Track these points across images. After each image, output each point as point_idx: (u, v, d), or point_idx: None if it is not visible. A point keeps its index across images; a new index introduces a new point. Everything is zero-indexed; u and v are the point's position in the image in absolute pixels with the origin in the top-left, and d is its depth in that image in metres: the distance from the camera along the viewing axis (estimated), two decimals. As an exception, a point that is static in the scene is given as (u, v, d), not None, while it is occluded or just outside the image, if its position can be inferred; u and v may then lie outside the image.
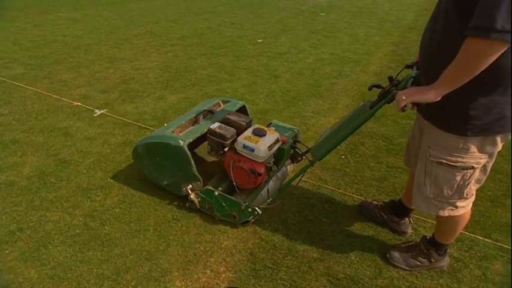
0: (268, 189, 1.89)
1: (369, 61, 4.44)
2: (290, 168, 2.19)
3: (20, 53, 4.46)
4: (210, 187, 1.87)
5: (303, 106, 3.27)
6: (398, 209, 1.81)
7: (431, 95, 1.13)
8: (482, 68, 1.01)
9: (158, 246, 1.78)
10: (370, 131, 2.86)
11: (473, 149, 1.23)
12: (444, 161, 1.28)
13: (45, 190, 2.12)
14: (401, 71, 1.50)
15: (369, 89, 1.46)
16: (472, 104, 1.15)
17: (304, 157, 1.91)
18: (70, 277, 1.61)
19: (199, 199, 1.92)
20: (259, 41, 5.25)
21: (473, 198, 1.39)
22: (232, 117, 1.93)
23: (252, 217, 1.81)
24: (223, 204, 1.85)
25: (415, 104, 1.23)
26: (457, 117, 1.20)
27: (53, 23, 6.03)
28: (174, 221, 1.93)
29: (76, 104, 3.18)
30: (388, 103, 1.38)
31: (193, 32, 5.63)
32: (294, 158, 2.04)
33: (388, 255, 1.67)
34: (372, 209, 1.92)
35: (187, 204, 1.97)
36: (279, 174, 2.03)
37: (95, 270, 1.64)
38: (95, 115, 3.02)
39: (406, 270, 1.63)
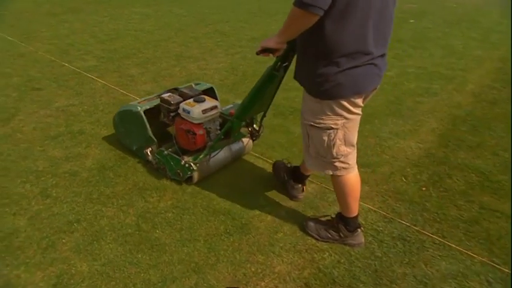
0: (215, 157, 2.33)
1: (466, 79, 4.12)
2: (250, 145, 2.59)
3: (95, 46, 5.01)
4: (162, 148, 2.33)
5: (379, 125, 3.15)
6: (297, 175, 2.19)
7: (272, 41, 1.60)
8: (298, 27, 1.45)
9: (207, 260, 1.83)
10: (461, 162, 2.63)
11: (328, 111, 1.59)
12: (313, 123, 1.65)
13: (104, 184, 2.33)
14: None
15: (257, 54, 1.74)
16: (316, 72, 1.53)
17: (260, 134, 2.47)
18: (118, 277, 1.73)
19: (156, 160, 2.37)
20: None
21: (351, 163, 1.74)
22: (184, 90, 2.40)
23: (190, 172, 2.23)
24: (172, 163, 2.29)
25: (270, 51, 1.64)
26: (311, 83, 1.58)
27: (127, 17, 6.67)
28: (226, 235, 1.98)
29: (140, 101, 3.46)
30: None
31: (264, 34, 5.78)
32: (252, 135, 2.50)
33: (304, 223, 2.01)
34: (280, 169, 2.30)
35: (147, 164, 2.44)
36: (232, 147, 2.47)
37: (142, 275, 1.75)
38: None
39: (318, 239, 1.96)
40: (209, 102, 2.28)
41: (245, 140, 2.56)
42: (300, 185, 2.22)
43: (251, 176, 2.46)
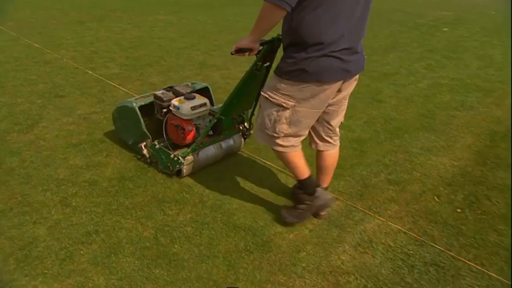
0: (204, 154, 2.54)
1: (506, 91, 3.97)
2: (241, 143, 2.77)
3: (118, 53, 5.16)
4: (155, 142, 2.53)
5: (409, 140, 3.07)
6: None
7: (245, 41, 1.78)
8: (268, 22, 1.61)
9: (226, 278, 1.81)
10: (501, 183, 2.52)
11: (284, 90, 1.77)
12: (267, 96, 1.83)
13: (123, 195, 2.36)
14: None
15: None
16: (288, 56, 1.73)
17: (251, 132, 2.72)
18: (134, 293, 1.73)
19: (149, 154, 2.58)
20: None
21: (290, 145, 1.91)
22: (177, 88, 2.58)
23: (178, 166, 2.41)
24: (162, 157, 2.49)
25: (244, 51, 1.82)
26: (282, 65, 1.76)
27: (151, 25, 6.87)
28: (247, 252, 1.95)
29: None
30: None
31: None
32: (244, 133, 2.74)
33: (281, 217, 2.13)
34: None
35: (142, 159, 2.65)
36: (223, 144, 2.63)
37: (159, 291, 1.74)
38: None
39: (296, 221, 2.10)
40: (199, 100, 2.47)
41: (236, 137, 2.72)
42: (317, 189, 2.12)
43: (273, 190, 2.44)
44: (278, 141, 1.91)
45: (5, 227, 2.05)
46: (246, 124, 2.70)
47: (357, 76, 1.87)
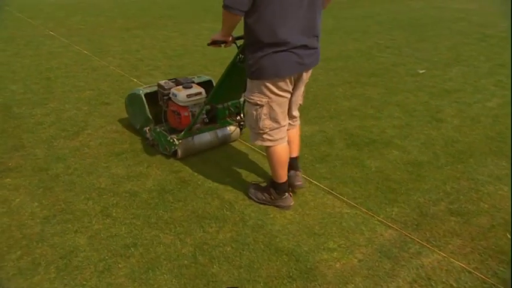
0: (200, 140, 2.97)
1: None
2: (237, 132, 3.14)
3: (163, 61, 5.39)
4: (156, 126, 2.97)
5: (475, 166, 2.90)
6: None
7: (218, 35, 2.14)
8: (228, 23, 2.01)
9: (266, 307, 1.78)
10: None
11: (255, 90, 2.10)
12: (247, 99, 2.18)
13: (163, 208, 2.42)
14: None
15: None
16: (249, 57, 2.04)
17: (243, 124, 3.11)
18: (171, 313, 1.75)
19: (152, 137, 3.02)
20: (420, 71, 5.00)
21: (277, 137, 2.22)
22: (179, 79, 2.97)
23: (174, 147, 2.83)
24: (162, 139, 2.92)
25: (219, 43, 2.19)
26: (247, 65, 2.08)
27: (196, 33, 7.12)
28: (289, 280, 1.92)
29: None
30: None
31: (338, 54, 5.77)
32: (239, 124, 3.10)
33: (247, 189, 2.54)
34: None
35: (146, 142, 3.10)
36: (219, 132, 3.04)
37: (195, 314, 1.75)
38: (220, 135, 3.34)
39: (256, 201, 2.47)
40: (195, 89, 2.86)
41: (232, 127, 3.11)
42: (292, 171, 2.51)
43: (319, 212, 2.39)
44: (266, 136, 2.24)
45: (48, 234, 2.17)
46: (242, 115, 3.00)
47: (311, 70, 2.23)
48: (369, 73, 4.94)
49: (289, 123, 2.36)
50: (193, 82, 2.95)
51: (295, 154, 2.54)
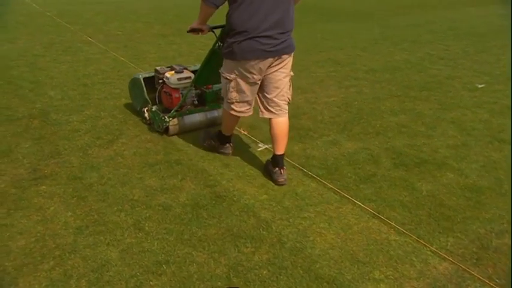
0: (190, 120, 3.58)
1: None
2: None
3: (199, 70, 5.50)
4: (152, 107, 3.54)
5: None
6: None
7: (195, 23, 2.75)
8: (204, 14, 2.65)
9: None
10: None
11: (227, 67, 2.71)
12: (221, 73, 2.78)
13: (196, 224, 2.44)
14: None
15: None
16: (226, 41, 2.64)
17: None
18: (203, 338, 1.75)
19: (149, 116, 3.61)
20: (479, 86, 4.83)
21: (239, 110, 2.83)
22: (175, 66, 3.55)
23: (165, 124, 3.41)
24: (156, 117, 3.50)
25: (197, 31, 2.80)
26: (222, 48, 2.71)
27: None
28: (329, 312, 1.86)
29: (243, 132, 3.63)
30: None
31: (385, 65, 5.68)
32: None
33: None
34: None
35: (143, 121, 3.74)
36: (208, 114, 3.62)
37: None
38: (258, 149, 3.35)
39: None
40: (186, 74, 3.43)
41: (220, 110, 3.53)
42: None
43: (364, 238, 2.33)
44: (232, 106, 2.83)
45: (80, 245, 2.24)
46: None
47: (286, 60, 2.72)
48: (420, 86, 4.82)
49: (271, 112, 2.83)
50: (185, 68, 3.53)
51: (280, 152, 2.89)
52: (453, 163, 3.12)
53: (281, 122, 2.83)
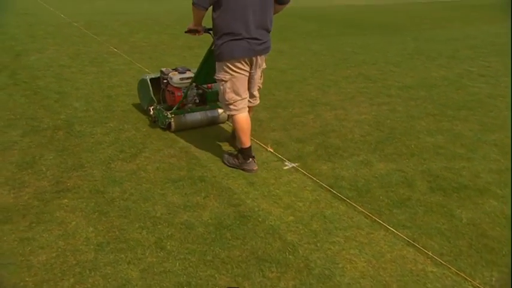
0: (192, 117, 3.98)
1: None
2: (224, 116, 4.02)
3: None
4: (157, 105, 3.99)
5: None
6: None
7: (191, 25, 3.13)
8: (196, 16, 3.02)
9: None
10: None
11: (220, 69, 3.07)
12: (216, 77, 3.14)
13: (219, 245, 2.44)
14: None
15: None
16: (215, 43, 3.03)
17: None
18: None
19: (154, 114, 4.02)
20: (523, 105, 4.69)
21: (239, 107, 3.14)
22: (179, 68, 3.98)
23: (167, 120, 3.81)
24: (160, 115, 3.91)
25: (193, 32, 3.20)
26: (214, 51, 3.09)
27: (260, 54, 7.31)
28: None
29: (268, 149, 3.63)
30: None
31: (420, 82, 5.61)
32: None
33: (222, 157, 3.45)
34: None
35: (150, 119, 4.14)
36: (208, 113, 4.01)
37: None
38: (284, 168, 3.34)
39: (227, 165, 3.35)
40: (188, 74, 3.85)
41: (220, 110, 3.97)
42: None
43: (398, 267, 2.27)
44: (231, 107, 3.15)
45: (101, 262, 2.27)
46: None
47: (265, 56, 3.17)
48: (459, 105, 4.74)
49: (250, 102, 3.30)
50: (188, 70, 3.94)
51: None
52: (496, 189, 3.02)
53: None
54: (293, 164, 3.38)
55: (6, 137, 3.70)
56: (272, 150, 3.62)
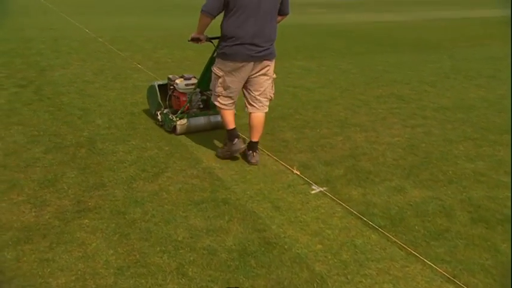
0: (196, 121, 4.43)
1: None
2: None
3: (250, 101, 5.61)
4: (164, 109, 4.42)
5: None
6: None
7: (195, 33, 3.66)
8: (202, 23, 3.54)
9: None
10: None
11: (218, 64, 3.62)
12: (212, 69, 3.67)
13: (243, 273, 2.42)
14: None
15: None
16: (220, 44, 3.60)
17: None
18: None
19: (161, 118, 4.45)
20: None
21: (226, 104, 3.70)
22: (185, 74, 4.44)
23: (173, 123, 4.28)
24: (166, 119, 4.37)
25: (196, 40, 3.69)
26: (217, 50, 3.66)
27: (287, 71, 7.37)
28: None
29: (295, 172, 3.62)
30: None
31: (458, 103, 5.52)
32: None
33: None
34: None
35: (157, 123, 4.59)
36: (211, 117, 4.45)
37: None
38: (312, 192, 3.31)
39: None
40: (193, 80, 4.33)
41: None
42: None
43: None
44: (218, 99, 3.69)
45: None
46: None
47: (269, 65, 3.60)
48: (501, 129, 4.64)
49: (254, 107, 3.71)
50: (194, 76, 4.39)
51: (255, 139, 3.78)
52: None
53: (260, 116, 3.73)
54: (321, 188, 3.35)
55: (30, 154, 3.81)
56: (298, 173, 3.60)
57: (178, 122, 4.23)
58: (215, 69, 3.60)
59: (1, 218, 2.84)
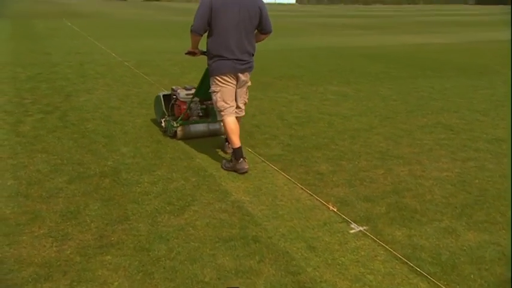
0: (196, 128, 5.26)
1: None
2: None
3: (282, 130, 5.64)
4: (167, 117, 5.24)
5: None
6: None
7: (189, 48, 4.58)
8: (193, 40, 4.37)
9: None
10: None
11: (212, 82, 4.36)
12: (210, 90, 4.44)
13: (276, 321, 2.35)
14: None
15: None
16: (208, 62, 4.36)
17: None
18: None
19: (165, 125, 5.25)
20: None
21: (227, 112, 4.32)
22: (187, 85, 5.24)
23: (173, 128, 5.07)
24: (168, 125, 5.16)
25: (191, 54, 4.61)
26: (208, 67, 4.44)
27: (321, 97, 7.39)
28: None
29: (331, 208, 3.56)
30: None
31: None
32: None
33: (222, 163, 4.53)
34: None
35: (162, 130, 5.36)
36: (210, 125, 5.26)
37: None
38: (351, 231, 3.24)
39: (224, 169, 4.40)
40: (193, 90, 4.94)
41: (221, 123, 4.68)
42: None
43: None
44: (222, 113, 4.30)
45: (143, 333, 2.26)
46: None
47: (249, 75, 4.40)
48: None
49: (236, 113, 4.40)
50: (194, 88, 4.96)
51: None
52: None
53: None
54: (361, 228, 3.27)
55: (52, 184, 3.92)
56: (335, 210, 3.54)
57: (178, 128, 5.01)
58: (212, 88, 4.30)
59: (22, 253, 2.89)
